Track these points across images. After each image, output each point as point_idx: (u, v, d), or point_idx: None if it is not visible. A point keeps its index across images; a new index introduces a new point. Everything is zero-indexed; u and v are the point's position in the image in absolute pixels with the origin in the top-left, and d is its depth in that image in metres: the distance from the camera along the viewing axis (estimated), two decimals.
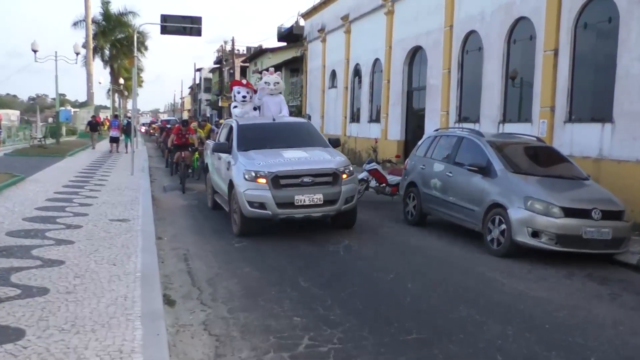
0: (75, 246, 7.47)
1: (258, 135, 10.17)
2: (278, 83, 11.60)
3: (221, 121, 28.64)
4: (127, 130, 27.98)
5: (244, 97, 11.63)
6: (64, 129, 37.46)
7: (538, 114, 13.35)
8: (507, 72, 14.85)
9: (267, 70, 13.42)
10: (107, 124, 49.88)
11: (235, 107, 11.76)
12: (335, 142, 10.51)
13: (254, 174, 8.80)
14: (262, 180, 8.71)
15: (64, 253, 7.08)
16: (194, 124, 18.86)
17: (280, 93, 11.89)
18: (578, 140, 12.13)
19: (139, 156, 23.18)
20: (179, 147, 15.91)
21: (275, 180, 8.70)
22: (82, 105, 52.32)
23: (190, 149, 15.90)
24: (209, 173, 11.96)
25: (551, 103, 12.92)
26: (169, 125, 27.00)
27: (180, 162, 15.46)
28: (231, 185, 9.36)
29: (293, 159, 9.11)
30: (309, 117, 31.43)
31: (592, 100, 12.18)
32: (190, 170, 16.46)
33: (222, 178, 10.25)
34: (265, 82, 11.52)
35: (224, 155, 10.17)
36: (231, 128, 10.72)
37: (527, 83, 14.12)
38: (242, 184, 8.86)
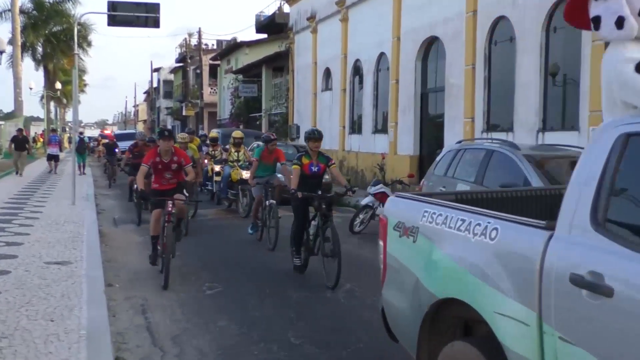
0: (1, 297, 7.42)
1: None
2: None
3: (212, 134, 22.21)
4: (80, 148, 29.42)
5: None
6: None
7: (587, 119, 13.47)
8: (546, 68, 15.01)
9: None
10: (41, 140, 50.12)
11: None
12: None
13: None
14: None
15: None
16: (182, 137, 14.58)
17: None
18: None
19: (81, 181, 23.15)
20: (161, 193, 9.50)
21: None
22: (8, 116, 52.36)
23: (186, 196, 10.24)
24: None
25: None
26: (127, 145, 24.39)
27: (163, 225, 9.18)
28: None
29: None
30: (297, 129, 31.62)
31: None
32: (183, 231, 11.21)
33: None
34: None
35: None
36: None
37: (572, 81, 14.26)
38: None
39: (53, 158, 29.71)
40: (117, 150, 26.67)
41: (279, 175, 14.95)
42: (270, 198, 12.07)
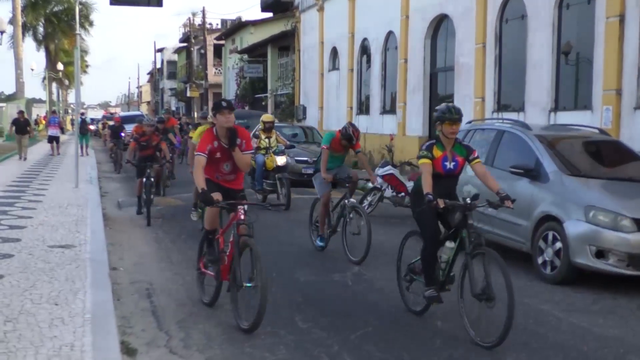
0: (5, 281, 7.46)
1: None
2: None
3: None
4: (83, 129, 29.60)
5: None
6: None
7: (600, 98, 13.40)
8: (558, 46, 14.91)
9: None
10: (44, 122, 50.13)
11: None
12: None
13: None
14: None
15: None
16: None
17: None
18: None
19: (85, 163, 23.21)
20: (225, 192, 6.96)
21: None
22: (9, 98, 52.46)
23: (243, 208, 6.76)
24: None
25: (617, 85, 12.97)
26: (130, 127, 22.92)
27: (237, 242, 6.62)
28: None
29: None
30: (304, 110, 31.56)
31: None
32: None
33: None
34: None
35: None
36: None
37: (585, 60, 14.17)
38: None
39: (54, 140, 29.95)
40: (123, 134, 25.98)
41: (283, 158, 14.42)
42: (349, 196, 9.80)
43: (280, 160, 14.59)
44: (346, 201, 9.74)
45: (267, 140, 14.76)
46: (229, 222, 6.87)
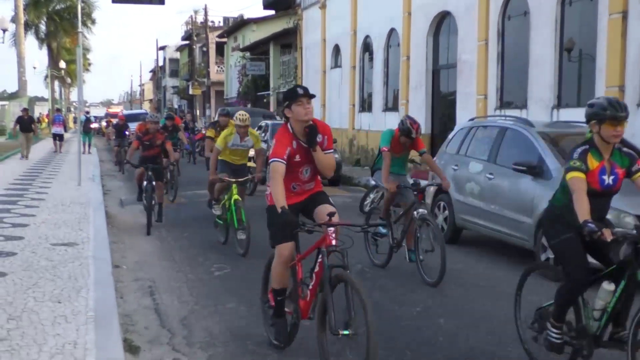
0: (8, 279, 7.46)
1: None
2: None
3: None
4: (86, 127, 30.33)
5: None
6: None
7: (603, 95, 13.38)
8: (561, 43, 14.89)
9: None
10: (46, 120, 50.22)
11: None
12: None
13: None
14: None
15: None
16: (241, 118, 10.29)
17: None
18: None
19: (87, 161, 23.23)
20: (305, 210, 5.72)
21: None
22: (12, 96, 52.53)
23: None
24: None
25: (620, 81, 12.95)
26: (136, 127, 21.35)
27: (328, 277, 5.03)
28: None
29: None
30: None
31: None
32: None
33: None
34: None
35: None
36: None
37: (588, 56, 14.15)
38: None
39: (58, 137, 30.47)
40: (127, 132, 25.35)
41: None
42: (418, 205, 8.43)
43: None
44: (415, 213, 8.31)
45: None
46: (312, 246, 5.35)
